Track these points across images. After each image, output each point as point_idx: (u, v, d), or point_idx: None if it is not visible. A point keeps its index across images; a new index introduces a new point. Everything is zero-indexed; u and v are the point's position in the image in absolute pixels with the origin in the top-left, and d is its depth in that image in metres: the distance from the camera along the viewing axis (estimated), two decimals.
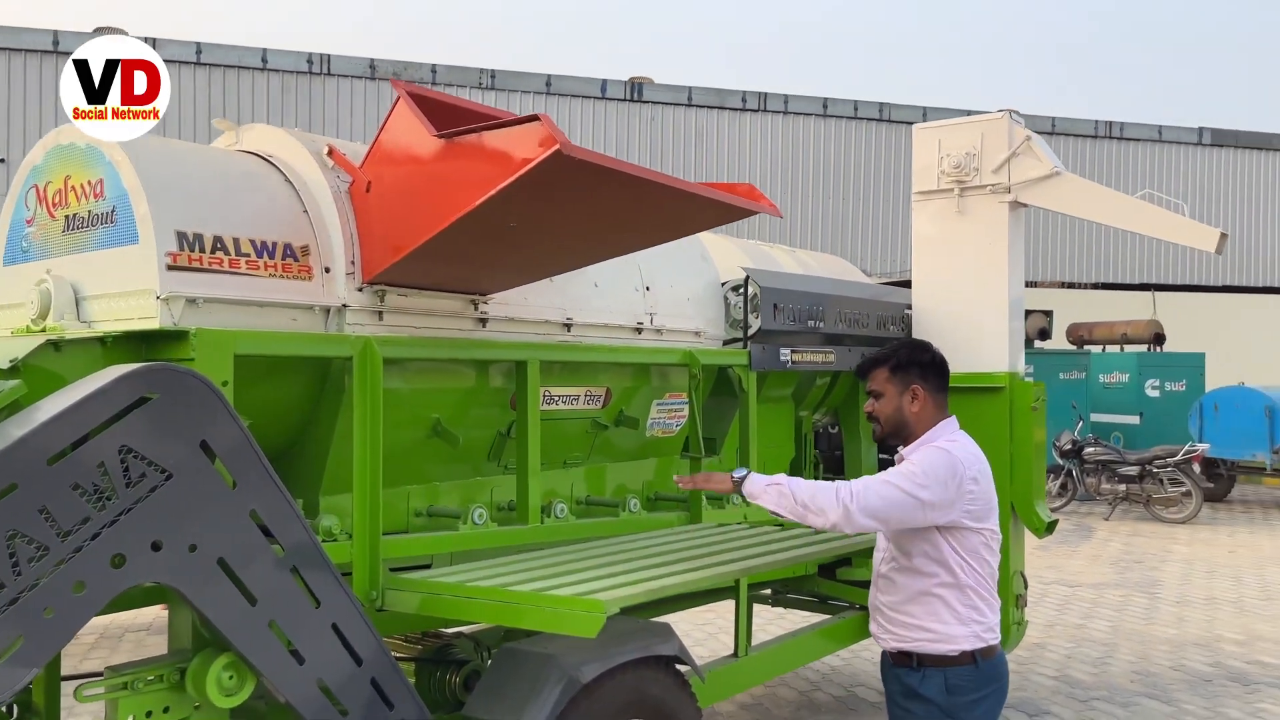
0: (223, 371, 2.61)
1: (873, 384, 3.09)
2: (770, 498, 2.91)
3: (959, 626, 2.88)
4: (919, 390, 3.02)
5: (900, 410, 3.03)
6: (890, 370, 3.06)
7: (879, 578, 3.06)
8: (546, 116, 2.39)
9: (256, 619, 2.46)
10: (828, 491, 2.85)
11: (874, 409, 3.08)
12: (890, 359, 3.08)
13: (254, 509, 2.47)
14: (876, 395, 3.08)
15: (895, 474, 2.89)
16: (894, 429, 3.05)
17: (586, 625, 2.58)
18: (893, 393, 3.04)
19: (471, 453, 3.57)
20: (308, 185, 3.12)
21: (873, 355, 3.16)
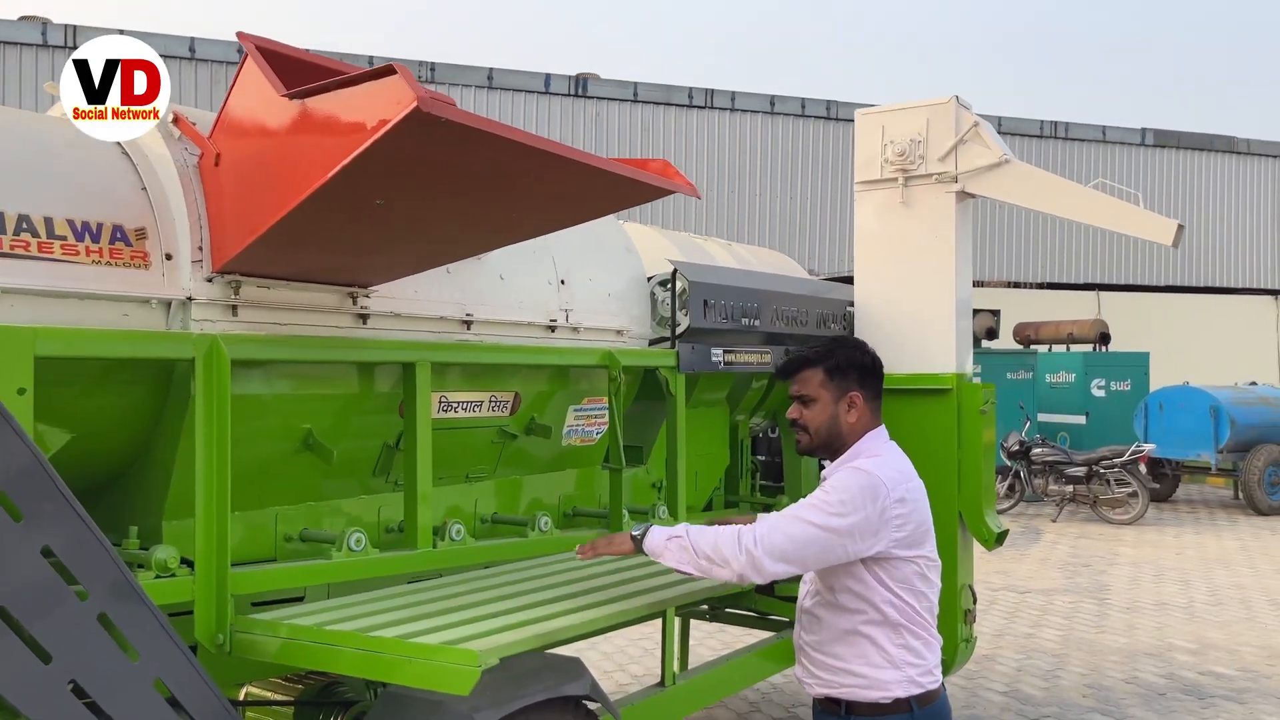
0: (18, 376, 2.15)
1: (802, 387, 2.69)
2: (671, 555, 2.57)
3: (890, 670, 2.51)
4: (857, 398, 2.65)
5: (836, 420, 2.65)
6: (826, 373, 2.67)
7: (802, 613, 2.70)
8: (405, 69, 1.97)
9: (51, 680, 2.01)
10: (729, 540, 2.47)
11: (803, 417, 2.68)
12: (826, 359, 2.69)
13: (47, 545, 2.02)
14: (806, 401, 2.68)
15: (805, 506, 2.51)
16: (825, 441, 2.67)
17: (458, 681, 2.17)
18: (827, 399, 2.66)
19: (354, 468, 3.13)
20: (148, 158, 2.67)
21: (801, 353, 2.76)
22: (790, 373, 2.73)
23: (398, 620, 2.51)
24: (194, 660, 2.25)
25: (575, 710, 2.99)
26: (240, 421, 2.60)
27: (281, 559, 2.93)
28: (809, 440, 2.69)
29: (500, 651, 2.24)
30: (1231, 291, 21.49)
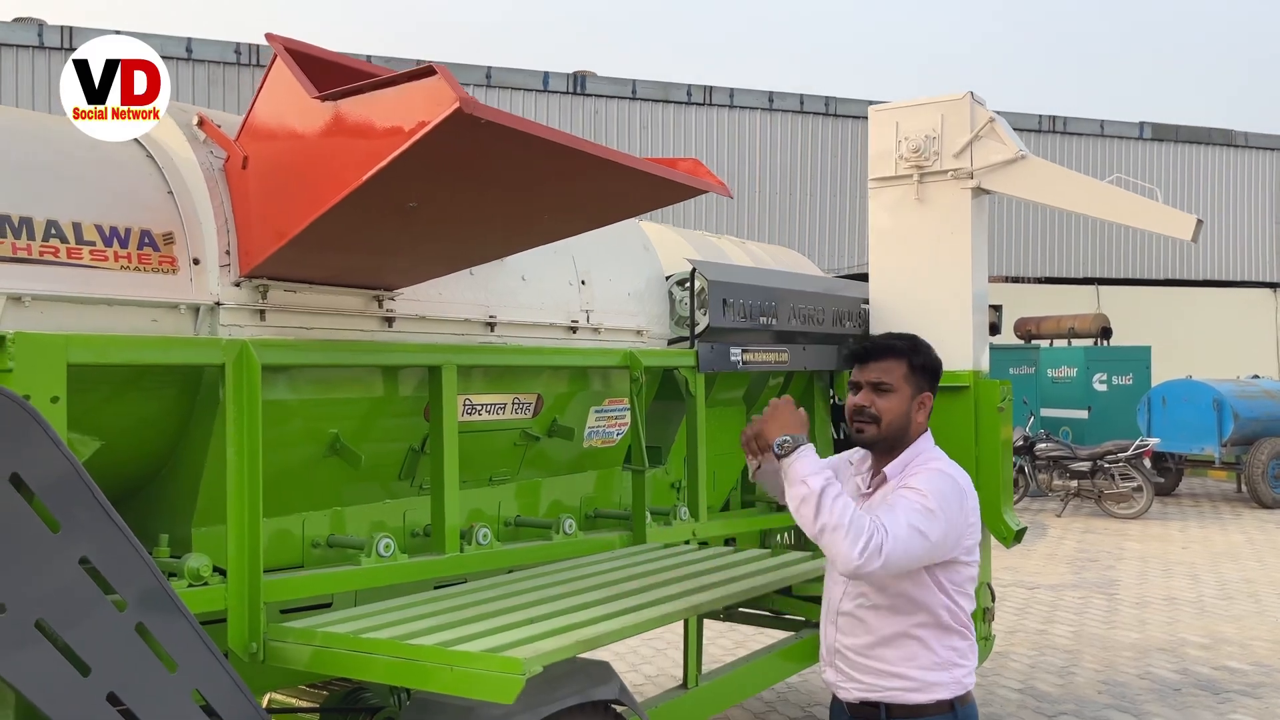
0: (51, 385, 2.12)
1: (883, 375, 2.54)
2: (794, 494, 2.36)
3: (940, 673, 2.46)
4: (929, 400, 2.59)
5: (907, 416, 2.54)
6: (911, 367, 2.56)
7: (840, 616, 2.57)
8: (444, 69, 1.94)
9: (90, 692, 1.99)
10: (860, 524, 2.28)
11: (875, 405, 2.53)
12: (913, 353, 2.58)
13: (85, 555, 1.99)
14: (883, 389, 2.54)
15: (919, 514, 2.34)
16: (893, 435, 2.54)
17: (502, 689, 2.14)
18: (905, 393, 2.54)
19: (379, 472, 3.11)
20: (174, 162, 2.64)
21: (881, 341, 2.64)
22: (870, 358, 2.57)
23: (432, 628, 2.48)
24: (231, 670, 2.22)
25: (605, 714, 2.97)
26: (267, 426, 2.57)
27: (309, 565, 2.90)
28: (876, 431, 2.54)
29: (545, 659, 2.21)
30: (1231, 285, 21.51)
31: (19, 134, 2.48)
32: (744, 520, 4.73)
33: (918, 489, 2.41)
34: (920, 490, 2.40)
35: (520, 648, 2.26)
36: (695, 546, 3.92)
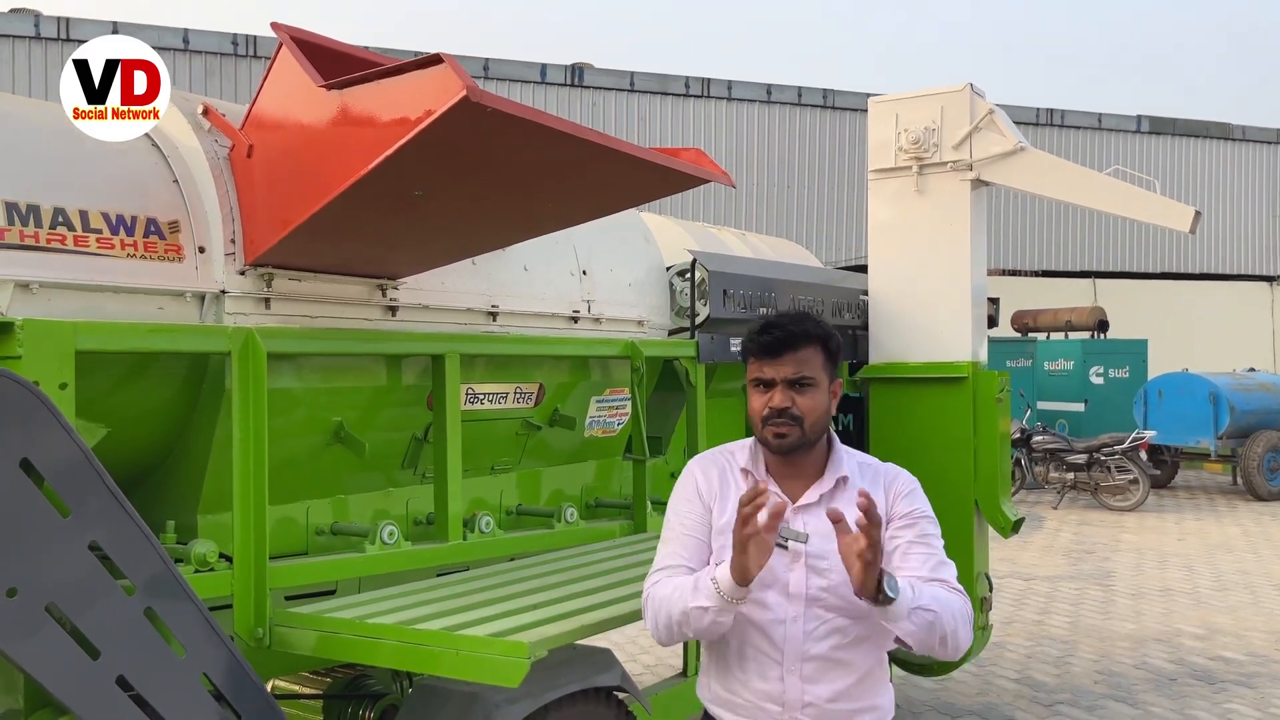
0: (60, 371, 2.13)
1: (803, 367, 2.07)
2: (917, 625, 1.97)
3: (889, 692, 2.21)
4: (840, 388, 2.17)
5: (828, 413, 2.13)
6: (828, 353, 2.13)
7: (805, 663, 2.07)
8: (451, 58, 1.96)
9: (100, 676, 2.01)
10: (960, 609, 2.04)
11: (798, 404, 2.07)
12: (828, 339, 2.14)
13: (94, 540, 2.01)
14: (802, 385, 2.07)
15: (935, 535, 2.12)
16: (816, 437, 2.12)
17: (507, 673, 2.16)
18: (825, 386, 2.11)
19: (383, 460, 3.12)
20: (179, 150, 2.65)
21: (792, 326, 2.11)
22: (785, 348, 2.08)
23: (436, 613, 2.50)
24: (239, 654, 2.24)
25: (606, 701, 2.99)
26: (272, 415, 2.59)
27: (313, 552, 2.92)
28: (799, 435, 2.08)
29: (549, 643, 2.23)
30: (1227, 278, 21.55)
31: (26, 123, 2.49)
32: None
33: (929, 515, 2.16)
34: (930, 516, 2.16)
35: (525, 632, 2.28)
36: None
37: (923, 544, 2.13)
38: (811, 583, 2.07)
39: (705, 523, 2.15)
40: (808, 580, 2.07)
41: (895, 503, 2.15)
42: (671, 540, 2.17)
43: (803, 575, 2.07)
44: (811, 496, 2.12)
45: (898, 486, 2.18)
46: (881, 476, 2.20)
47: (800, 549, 2.05)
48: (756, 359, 2.12)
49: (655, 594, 2.10)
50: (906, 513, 2.15)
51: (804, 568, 2.07)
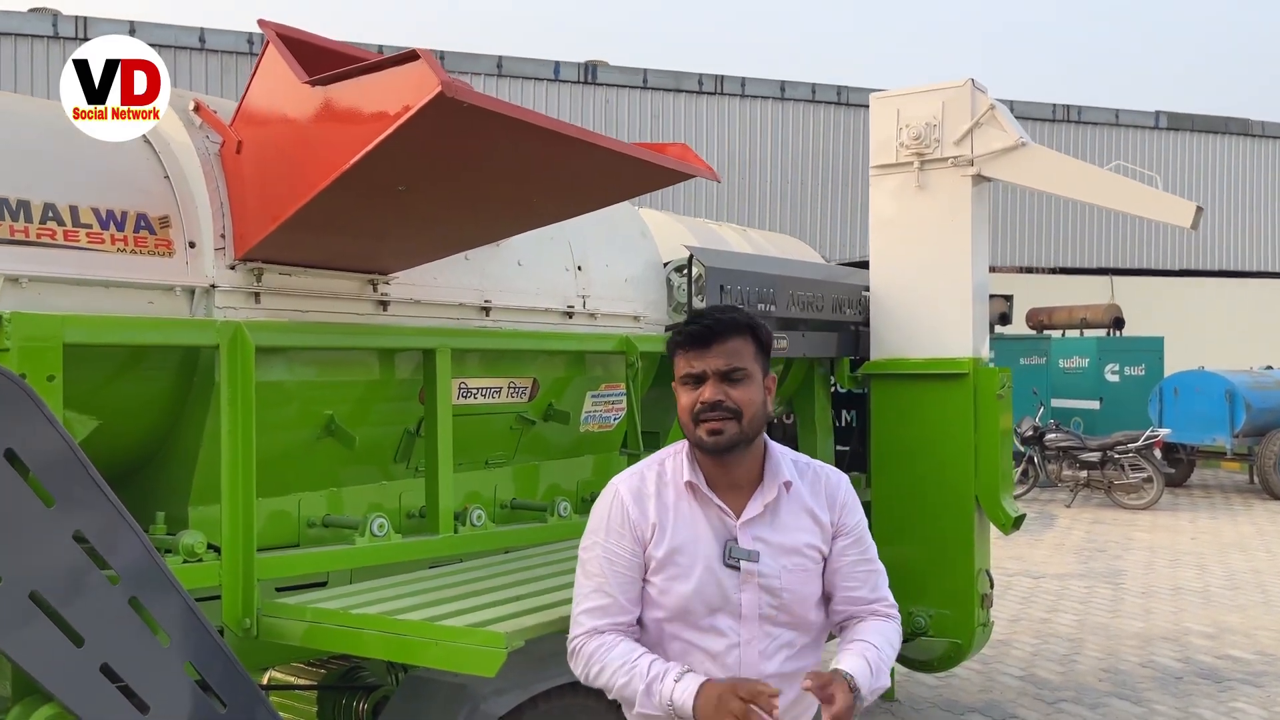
0: (47, 364, 2.17)
1: (733, 358, 1.99)
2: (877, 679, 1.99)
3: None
4: (774, 384, 2.10)
5: (765, 406, 2.05)
6: (759, 344, 2.05)
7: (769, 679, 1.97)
8: (428, 54, 1.98)
9: (84, 663, 2.04)
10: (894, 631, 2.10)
11: (732, 397, 1.98)
12: (758, 329, 2.06)
13: (79, 530, 2.04)
14: (737, 376, 1.99)
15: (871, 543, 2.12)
16: (755, 432, 2.03)
17: (484, 663, 2.19)
18: (758, 378, 2.03)
19: (375, 454, 3.15)
20: (171, 147, 2.68)
21: (720, 316, 2.04)
22: (714, 339, 2.00)
23: (422, 604, 2.53)
24: (223, 644, 2.28)
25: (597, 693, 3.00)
26: (263, 408, 2.62)
27: (305, 544, 2.95)
28: (738, 430, 1.98)
29: (526, 633, 2.26)
30: (1245, 275, 21.36)
31: (17, 118, 2.53)
32: None
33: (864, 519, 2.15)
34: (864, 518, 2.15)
35: (503, 623, 2.30)
36: None
37: (865, 562, 2.11)
38: (763, 601, 2.01)
39: (637, 558, 2.04)
40: (760, 600, 2.01)
41: (841, 514, 2.10)
42: (596, 575, 2.05)
43: (755, 595, 2.01)
44: (755, 509, 2.03)
45: (841, 496, 2.12)
46: (822, 482, 2.12)
47: (752, 568, 1.99)
48: (684, 352, 2.03)
49: (596, 656, 2.02)
50: (851, 526, 2.11)
51: (755, 587, 2.01)
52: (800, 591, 2.03)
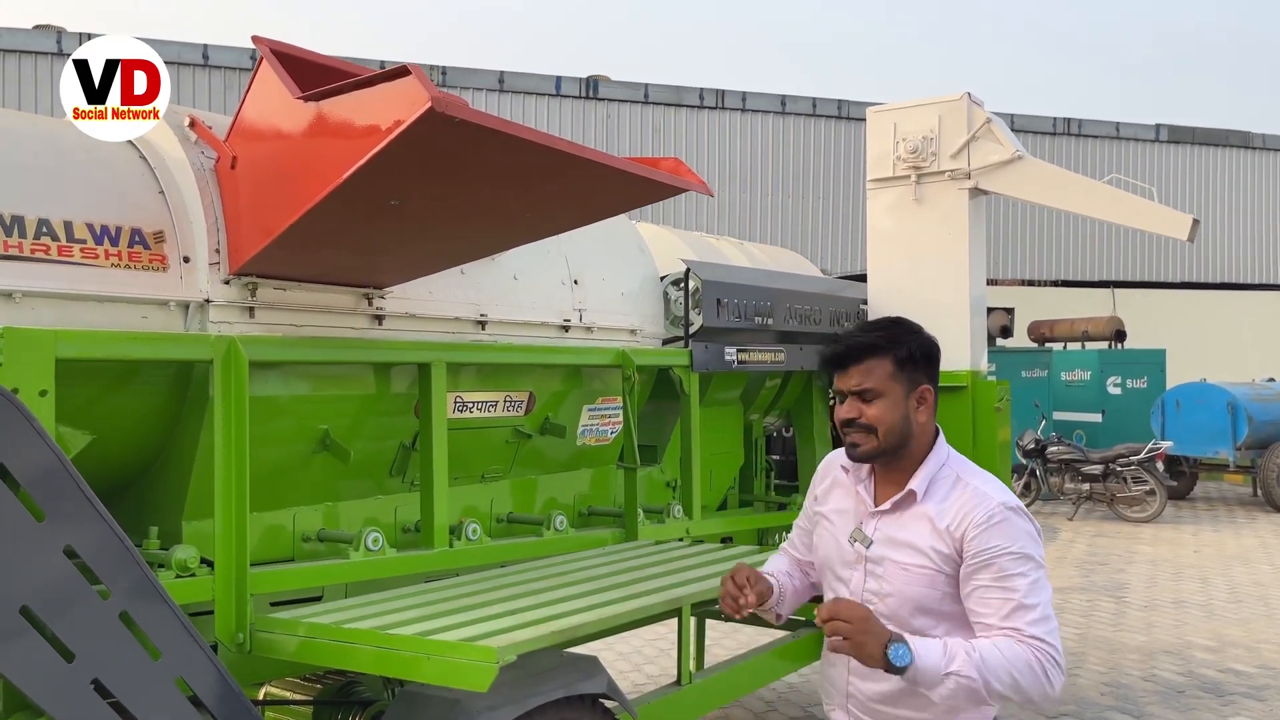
0: (39, 379, 2.17)
1: (866, 379, 2.15)
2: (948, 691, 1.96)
3: (983, 712, 2.14)
4: (929, 393, 2.20)
5: (907, 420, 2.16)
6: (897, 364, 2.17)
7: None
8: (419, 69, 1.98)
9: (74, 679, 2.03)
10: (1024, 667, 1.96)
11: (865, 416, 2.14)
12: (896, 346, 2.18)
13: (69, 545, 2.04)
14: (869, 396, 2.15)
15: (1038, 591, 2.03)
16: (895, 445, 2.16)
17: (476, 677, 2.18)
18: (897, 395, 2.15)
19: (371, 468, 3.15)
20: (165, 162, 2.70)
21: (855, 338, 2.21)
22: (849, 361, 2.17)
23: (415, 619, 2.52)
24: (215, 659, 2.27)
25: (592, 708, 2.99)
26: (258, 423, 2.62)
27: (299, 559, 2.95)
28: (875, 444, 2.15)
29: (518, 648, 2.25)
30: (1247, 288, 21.34)
31: (11, 134, 2.54)
32: (739, 519, 4.75)
33: (1011, 550, 2.04)
34: (1013, 551, 2.04)
35: (495, 637, 2.29)
36: (687, 543, 3.94)
37: (998, 587, 2.04)
38: (867, 585, 2.20)
39: (809, 512, 2.45)
40: (865, 582, 2.20)
41: (969, 537, 2.07)
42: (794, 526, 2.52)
43: (861, 577, 2.21)
44: (885, 506, 2.21)
45: (975, 516, 2.08)
46: (964, 500, 2.12)
47: (862, 552, 2.21)
48: (829, 371, 2.29)
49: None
50: (981, 550, 2.06)
51: (864, 570, 2.20)
52: (900, 589, 2.14)
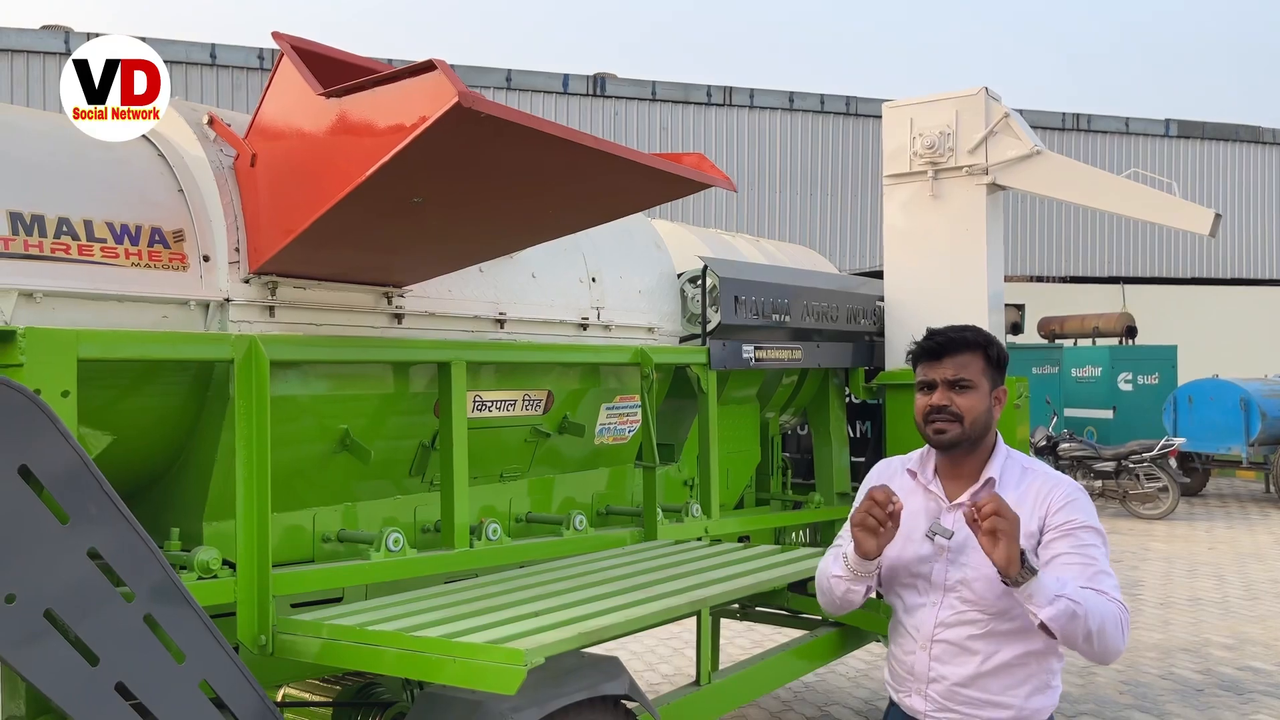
0: (61, 379, 2.15)
1: (962, 371, 2.32)
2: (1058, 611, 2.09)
3: (1040, 698, 2.32)
4: (1004, 395, 2.40)
5: (989, 414, 2.35)
6: (988, 361, 2.36)
7: (935, 644, 2.33)
8: (444, 63, 1.96)
9: (99, 682, 2.01)
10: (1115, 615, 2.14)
11: (955, 404, 2.30)
12: (988, 345, 2.38)
13: (93, 547, 2.02)
14: (963, 386, 2.31)
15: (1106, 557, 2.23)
16: (977, 434, 2.33)
17: (504, 680, 2.15)
18: (985, 390, 2.34)
19: (390, 468, 3.13)
20: (184, 160, 2.67)
21: (954, 334, 2.37)
22: (945, 353, 2.33)
23: (438, 620, 2.50)
24: (239, 661, 2.25)
25: (614, 710, 2.97)
26: (278, 423, 2.60)
27: (319, 560, 2.93)
28: (960, 431, 2.31)
29: (546, 650, 2.22)
30: (1258, 283, 21.23)
31: (30, 133, 2.52)
32: (757, 517, 4.72)
33: (1090, 525, 2.25)
34: (1091, 526, 2.25)
35: (523, 639, 2.27)
36: (707, 542, 3.92)
37: (1079, 554, 2.22)
38: (950, 574, 2.31)
39: None
40: (947, 572, 2.32)
41: (1051, 513, 2.27)
42: (844, 527, 2.43)
43: (943, 567, 2.32)
44: (963, 497, 2.33)
45: (1055, 495, 2.29)
46: (1039, 484, 2.33)
47: (944, 544, 2.31)
48: (921, 363, 2.39)
49: (819, 565, 2.48)
50: (1062, 523, 2.26)
51: (945, 561, 2.32)
52: (986, 571, 2.22)
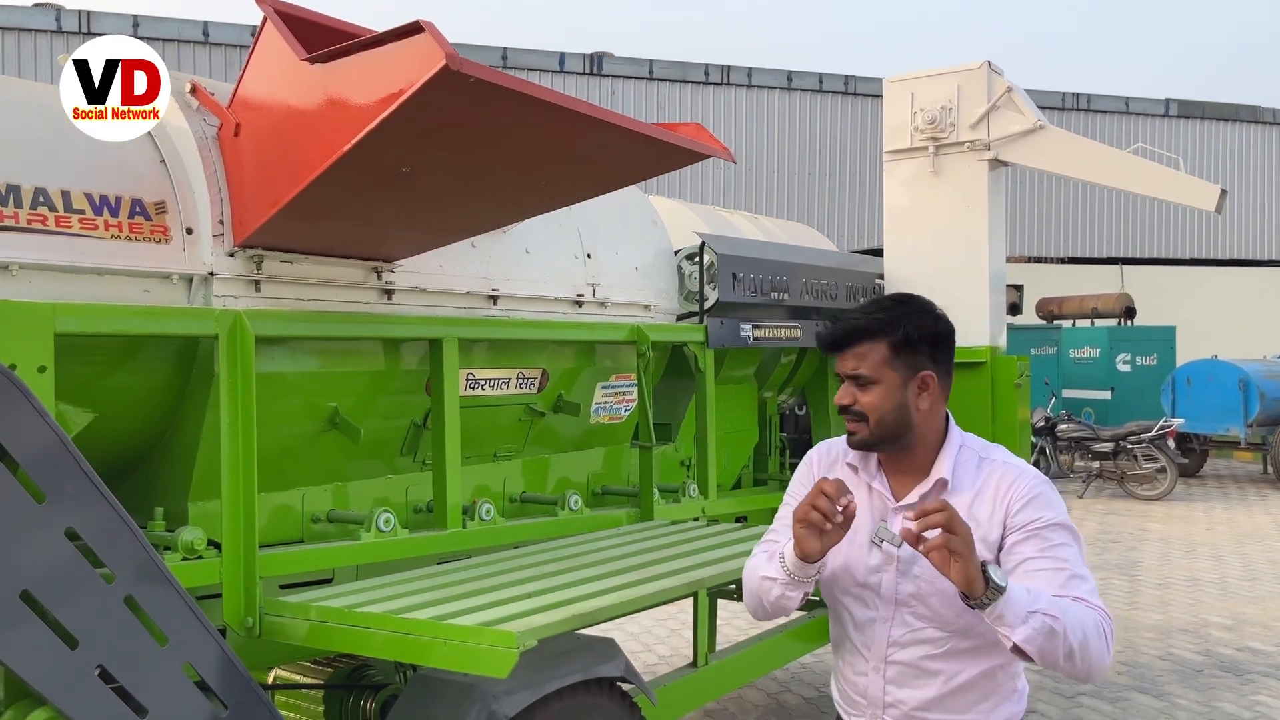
0: (38, 354, 2.08)
1: (860, 364, 1.97)
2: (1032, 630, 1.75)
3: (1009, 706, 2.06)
4: (931, 379, 1.97)
5: (904, 408, 1.97)
6: (892, 348, 1.97)
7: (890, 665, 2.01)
8: (432, 25, 1.88)
9: (78, 665, 1.96)
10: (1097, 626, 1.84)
11: (858, 403, 1.97)
12: (891, 330, 1.97)
13: (71, 526, 1.96)
14: (863, 382, 1.97)
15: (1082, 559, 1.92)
16: (889, 433, 1.97)
17: (496, 663, 2.10)
18: (893, 381, 1.96)
19: (381, 447, 3.07)
20: (166, 130, 2.60)
21: (852, 319, 2.01)
22: (840, 345, 2.00)
23: (430, 602, 2.44)
24: (224, 643, 2.19)
25: (609, 692, 2.92)
26: (265, 400, 2.54)
27: (309, 540, 2.87)
28: (866, 432, 1.97)
29: (538, 633, 2.17)
30: (1258, 264, 21.16)
31: (7, 103, 2.44)
32: (755, 498, 4.67)
33: (1057, 522, 1.94)
34: (1059, 523, 1.94)
35: (515, 621, 2.22)
36: (704, 523, 3.86)
37: (1048, 557, 1.90)
38: (901, 587, 1.98)
39: None
40: (897, 584, 1.99)
41: (1012, 512, 1.95)
42: (777, 519, 2.15)
43: (893, 578, 1.99)
44: (911, 498, 1.99)
45: (1016, 491, 1.95)
46: (997, 477, 1.99)
47: (892, 551, 1.96)
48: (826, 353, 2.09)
49: (747, 564, 2.10)
50: (1027, 522, 1.93)
51: (895, 572, 1.98)
52: (941, 586, 1.90)
